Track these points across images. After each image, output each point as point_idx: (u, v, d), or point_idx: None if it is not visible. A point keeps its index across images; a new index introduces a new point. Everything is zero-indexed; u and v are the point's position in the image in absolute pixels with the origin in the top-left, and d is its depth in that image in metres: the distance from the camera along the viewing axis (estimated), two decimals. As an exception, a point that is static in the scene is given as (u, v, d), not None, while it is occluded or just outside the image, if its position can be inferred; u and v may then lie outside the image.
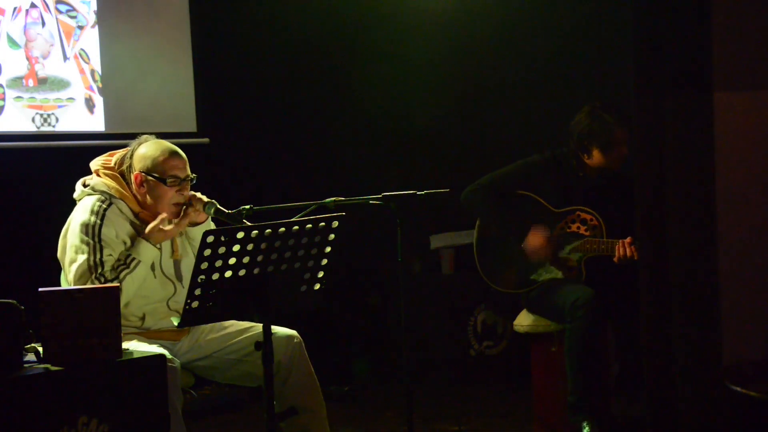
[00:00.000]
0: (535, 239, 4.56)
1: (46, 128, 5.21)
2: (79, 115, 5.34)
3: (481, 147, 6.18)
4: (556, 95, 5.80)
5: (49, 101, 5.23)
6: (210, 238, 3.01)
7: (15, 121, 5.13)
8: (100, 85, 5.38)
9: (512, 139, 5.92)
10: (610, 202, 4.59)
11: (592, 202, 4.58)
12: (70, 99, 5.29)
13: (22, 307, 3.03)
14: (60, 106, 5.26)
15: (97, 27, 5.40)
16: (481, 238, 4.79)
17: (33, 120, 5.17)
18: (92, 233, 3.58)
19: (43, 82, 5.19)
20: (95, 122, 5.39)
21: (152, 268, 3.68)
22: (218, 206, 3.72)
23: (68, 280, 3.61)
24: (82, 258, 3.55)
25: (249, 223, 3.38)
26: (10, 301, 3.02)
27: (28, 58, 5.15)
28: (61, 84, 5.25)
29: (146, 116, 5.50)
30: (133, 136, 3.84)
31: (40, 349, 3.10)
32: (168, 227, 3.66)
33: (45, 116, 5.21)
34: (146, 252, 3.62)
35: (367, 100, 6.26)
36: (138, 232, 3.66)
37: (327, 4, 6.15)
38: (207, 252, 3.02)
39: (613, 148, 4.53)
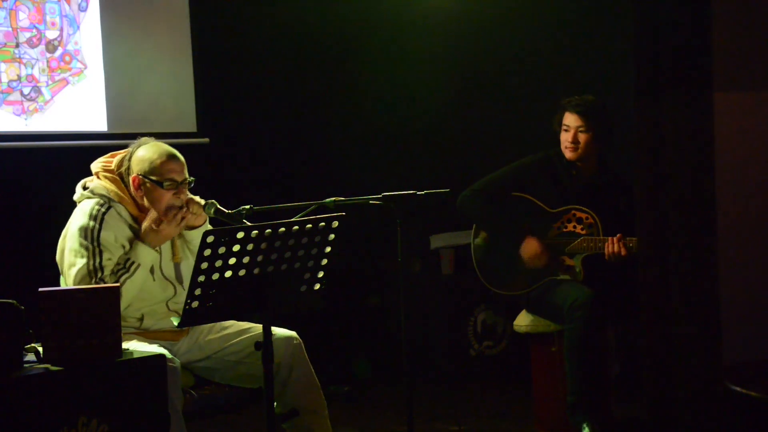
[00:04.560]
0: (530, 248, 4.57)
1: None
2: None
3: (481, 147, 6.18)
4: (557, 95, 5.79)
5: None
6: (210, 238, 3.01)
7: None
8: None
9: (512, 139, 5.92)
10: (605, 199, 4.60)
11: (587, 201, 4.59)
12: None
13: (22, 307, 3.03)
14: None
15: (99, 27, 5.40)
16: (478, 242, 4.79)
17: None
18: (91, 237, 3.57)
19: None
20: (98, 122, 5.40)
21: (151, 271, 3.67)
22: (218, 206, 3.71)
23: (67, 284, 3.60)
24: (81, 262, 3.55)
25: (249, 223, 3.38)
26: (10, 301, 3.01)
27: None
28: None
29: (147, 116, 5.51)
30: (134, 136, 3.84)
31: (40, 349, 3.10)
32: (162, 228, 3.65)
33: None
34: (145, 255, 3.62)
35: (367, 100, 6.26)
36: (137, 236, 3.65)
37: (327, 4, 6.15)
38: (207, 252, 3.02)
39: (559, 132, 4.61)
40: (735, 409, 3.15)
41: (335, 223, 3.24)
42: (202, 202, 3.74)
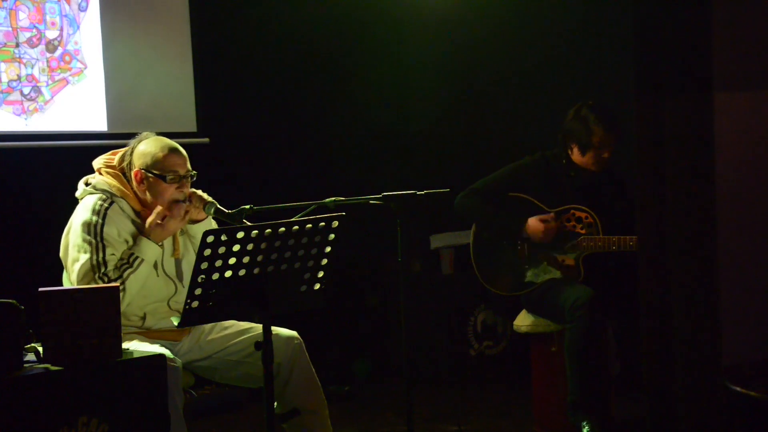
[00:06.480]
0: (535, 226, 4.56)
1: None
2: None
3: (480, 147, 6.18)
4: (556, 95, 5.80)
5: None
6: (210, 238, 3.01)
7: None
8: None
9: (512, 139, 5.92)
10: (604, 198, 4.61)
11: (585, 200, 4.59)
12: None
13: (22, 307, 3.03)
14: None
15: (99, 27, 5.40)
16: (477, 242, 4.79)
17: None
18: (94, 232, 3.58)
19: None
20: (98, 122, 5.40)
21: (155, 266, 3.68)
22: (218, 206, 3.72)
23: (71, 280, 3.60)
24: (84, 257, 3.55)
25: (249, 223, 3.38)
26: (10, 301, 3.02)
27: None
28: None
29: (147, 116, 5.51)
30: (134, 136, 3.84)
31: (40, 349, 3.11)
32: (167, 222, 3.65)
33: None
34: (149, 250, 3.62)
35: (366, 100, 6.26)
36: (140, 231, 3.66)
37: (327, 4, 6.15)
38: (207, 252, 3.02)
39: (590, 150, 4.55)
40: (735, 409, 3.15)
41: (335, 223, 3.24)
42: (205, 195, 3.74)
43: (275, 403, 3.43)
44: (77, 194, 3.75)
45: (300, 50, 6.13)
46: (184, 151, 3.75)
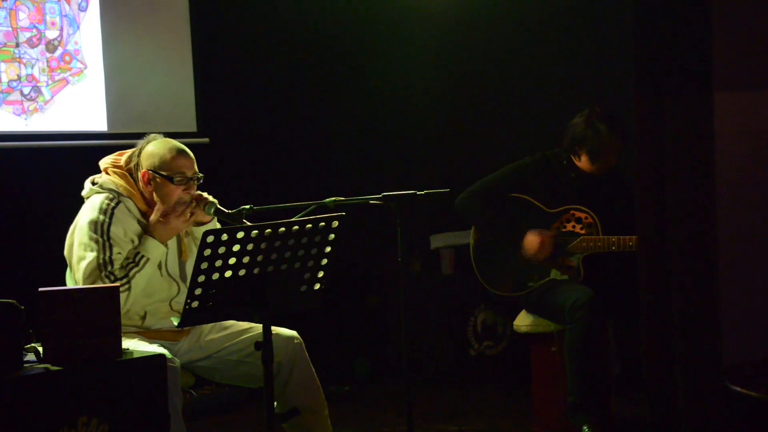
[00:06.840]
0: (532, 241, 4.57)
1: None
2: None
3: (480, 147, 6.17)
4: (557, 95, 5.80)
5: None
6: (210, 238, 3.01)
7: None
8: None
9: (512, 140, 5.92)
10: (604, 198, 4.61)
11: (585, 200, 4.59)
12: None
13: (22, 307, 3.03)
14: None
15: (99, 27, 5.40)
16: (477, 243, 4.79)
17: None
18: (101, 231, 3.58)
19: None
20: (98, 122, 5.40)
21: (159, 267, 3.68)
22: (218, 206, 3.72)
23: (76, 279, 3.60)
24: (91, 256, 3.55)
25: (249, 223, 3.38)
26: (10, 301, 3.01)
27: None
28: None
29: (147, 116, 5.50)
30: (134, 135, 3.84)
31: (40, 349, 3.11)
32: (171, 221, 3.65)
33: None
34: (154, 249, 3.62)
35: (367, 100, 6.26)
36: (145, 231, 3.66)
37: (327, 4, 6.15)
38: (207, 252, 3.02)
39: (600, 158, 4.54)
40: (735, 409, 3.15)
41: (335, 223, 3.23)
42: (211, 198, 3.74)
43: (275, 403, 3.43)
44: (83, 193, 3.75)
45: (300, 50, 6.12)
46: (191, 154, 3.75)
